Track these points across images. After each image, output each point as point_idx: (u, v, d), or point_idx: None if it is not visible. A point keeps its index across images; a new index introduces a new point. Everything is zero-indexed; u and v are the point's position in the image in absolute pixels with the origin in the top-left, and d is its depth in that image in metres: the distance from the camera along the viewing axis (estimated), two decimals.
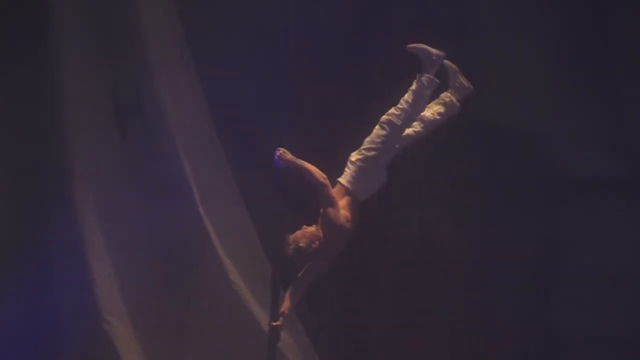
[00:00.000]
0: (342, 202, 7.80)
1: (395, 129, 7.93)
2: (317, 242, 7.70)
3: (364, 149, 7.92)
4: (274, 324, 8.04)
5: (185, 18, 10.13)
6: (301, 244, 7.68)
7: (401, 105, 7.96)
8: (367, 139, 7.96)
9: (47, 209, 9.76)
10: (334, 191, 7.76)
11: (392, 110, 7.96)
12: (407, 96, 7.99)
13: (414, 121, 8.04)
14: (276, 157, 7.77)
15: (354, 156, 7.94)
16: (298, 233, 7.73)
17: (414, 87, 8.01)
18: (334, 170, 7.84)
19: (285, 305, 8.04)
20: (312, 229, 7.74)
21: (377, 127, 7.95)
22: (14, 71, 9.71)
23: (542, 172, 10.05)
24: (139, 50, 9.93)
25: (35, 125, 9.77)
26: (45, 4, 9.69)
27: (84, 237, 9.68)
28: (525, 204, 9.99)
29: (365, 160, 7.89)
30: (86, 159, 9.77)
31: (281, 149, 7.76)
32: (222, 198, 10.17)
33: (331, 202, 7.70)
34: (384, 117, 7.95)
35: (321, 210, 7.76)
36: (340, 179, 7.88)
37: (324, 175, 7.74)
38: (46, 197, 9.77)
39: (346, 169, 7.93)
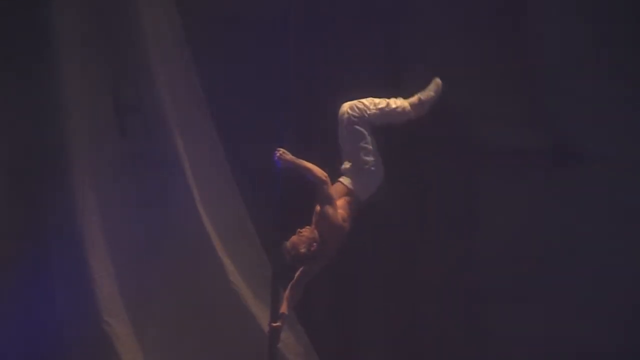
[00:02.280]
0: (340, 202, 7.80)
1: (363, 124, 7.91)
2: (314, 244, 7.70)
3: (363, 153, 7.90)
4: (274, 324, 8.05)
5: (185, 18, 10.13)
6: (301, 250, 7.69)
7: (366, 103, 7.92)
8: (347, 145, 7.93)
9: (46, 209, 9.75)
10: (333, 190, 7.76)
11: (354, 103, 7.92)
12: (383, 104, 7.96)
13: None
14: (276, 158, 7.77)
15: (346, 164, 7.92)
16: (294, 239, 7.71)
17: (394, 105, 7.97)
18: (334, 169, 7.86)
19: (284, 306, 8.04)
20: (307, 231, 7.72)
21: (344, 131, 7.91)
22: (14, 71, 9.71)
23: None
24: (139, 50, 9.92)
25: (35, 125, 9.76)
26: (46, 4, 9.68)
27: (84, 237, 9.67)
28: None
29: (357, 164, 7.88)
30: (86, 159, 9.76)
31: (281, 149, 7.76)
32: (222, 198, 10.17)
33: (330, 201, 7.69)
34: (345, 118, 7.90)
35: (318, 209, 7.76)
36: (341, 179, 7.88)
37: (325, 174, 7.74)
38: (46, 197, 9.76)
39: (345, 168, 7.93)
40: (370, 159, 7.89)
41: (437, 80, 8.01)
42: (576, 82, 9.76)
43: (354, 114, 7.87)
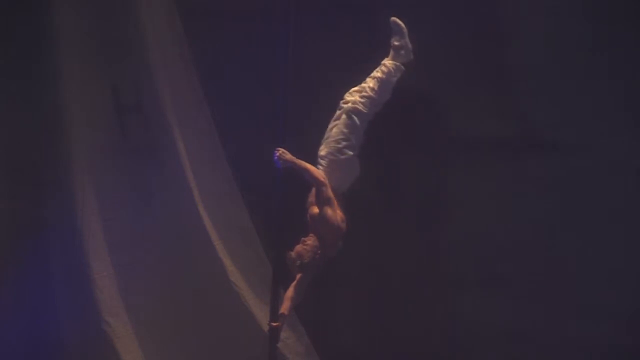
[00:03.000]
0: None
1: (363, 118, 7.91)
2: (318, 251, 7.71)
3: (334, 141, 7.88)
4: (274, 324, 8.05)
5: (185, 18, 10.12)
6: (306, 260, 7.71)
7: (367, 93, 7.92)
8: (335, 129, 7.92)
9: (46, 209, 9.74)
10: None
11: (357, 98, 7.91)
12: (373, 84, 7.95)
13: (379, 108, 8.01)
14: (275, 157, 7.77)
15: (323, 150, 7.91)
16: (299, 249, 7.73)
17: (379, 74, 7.96)
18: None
19: (285, 307, 8.05)
20: (310, 240, 7.73)
21: (344, 116, 7.91)
22: (14, 70, 9.69)
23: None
24: (139, 50, 9.91)
25: (34, 124, 9.75)
26: (46, 3, 9.67)
27: (84, 237, 9.65)
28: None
29: (337, 152, 7.86)
30: (86, 159, 9.74)
31: (280, 149, 7.76)
32: (222, 198, 10.17)
33: (330, 202, 7.70)
34: (349, 106, 7.90)
35: (315, 211, 7.75)
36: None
37: (324, 175, 7.74)
38: (46, 197, 9.74)
39: (318, 165, 7.91)
40: (349, 152, 7.89)
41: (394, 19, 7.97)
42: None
43: (362, 101, 7.87)
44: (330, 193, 7.71)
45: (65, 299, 9.67)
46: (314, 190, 7.85)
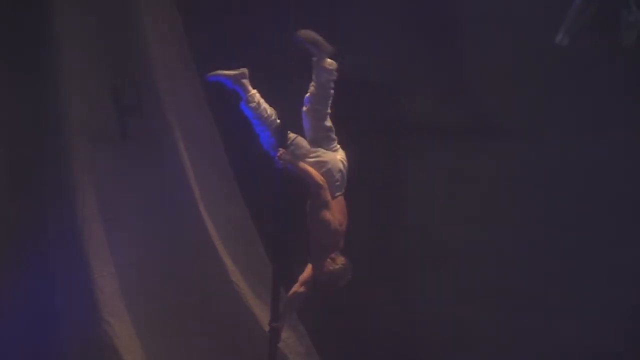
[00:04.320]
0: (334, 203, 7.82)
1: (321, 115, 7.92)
2: (349, 266, 7.76)
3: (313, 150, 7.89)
4: (274, 324, 8.05)
5: (185, 17, 10.12)
6: (340, 284, 7.77)
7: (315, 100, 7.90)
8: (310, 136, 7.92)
9: (47, 209, 9.75)
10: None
11: (309, 107, 7.90)
12: (315, 89, 7.92)
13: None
14: (276, 157, 7.78)
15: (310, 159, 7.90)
16: (335, 270, 7.73)
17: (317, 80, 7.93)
18: None
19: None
20: (341, 260, 7.75)
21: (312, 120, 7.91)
22: (14, 70, 9.70)
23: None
24: (139, 50, 9.92)
25: (35, 125, 9.75)
26: (46, 4, 9.67)
27: (84, 237, 9.67)
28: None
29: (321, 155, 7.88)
30: (86, 159, 9.75)
31: (281, 149, 7.77)
32: (223, 198, 10.18)
33: (327, 206, 7.71)
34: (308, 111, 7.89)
35: (314, 216, 7.75)
36: None
37: (322, 179, 7.74)
38: (46, 197, 9.75)
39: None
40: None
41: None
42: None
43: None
44: (327, 196, 7.72)
45: (65, 299, 9.69)
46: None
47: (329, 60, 7.82)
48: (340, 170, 7.92)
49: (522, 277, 9.79)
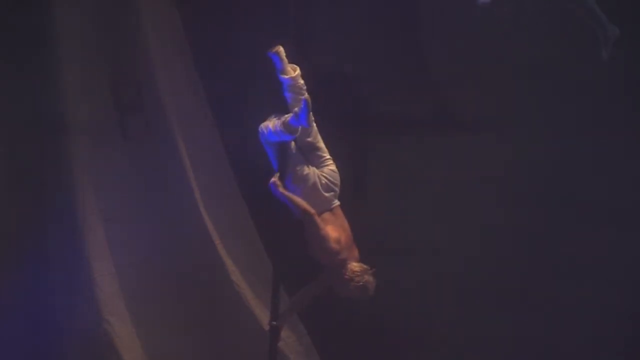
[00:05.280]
0: (330, 226, 7.78)
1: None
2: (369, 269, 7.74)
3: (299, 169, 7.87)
4: (274, 323, 8.04)
5: (185, 16, 10.12)
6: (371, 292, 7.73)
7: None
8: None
9: (47, 208, 9.74)
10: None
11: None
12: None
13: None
14: (271, 182, 7.81)
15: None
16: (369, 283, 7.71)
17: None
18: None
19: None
20: (357, 267, 7.73)
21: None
22: (14, 69, 9.69)
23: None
24: (140, 48, 9.92)
25: (35, 123, 9.75)
26: (46, 1, 9.67)
27: (84, 236, 9.67)
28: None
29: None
30: (86, 158, 9.76)
31: (274, 178, 7.79)
32: (223, 196, 10.17)
33: (317, 227, 7.66)
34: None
35: (311, 241, 7.75)
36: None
37: (309, 208, 7.69)
38: (46, 196, 9.75)
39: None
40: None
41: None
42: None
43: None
44: (318, 222, 7.68)
45: (65, 298, 9.68)
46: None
47: (289, 68, 7.80)
48: (327, 184, 7.86)
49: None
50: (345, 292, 7.75)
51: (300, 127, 7.72)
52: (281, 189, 7.76)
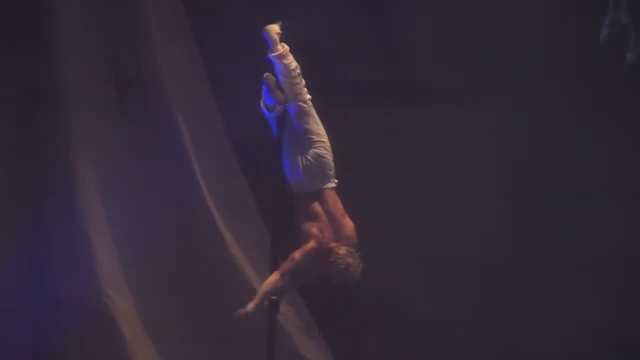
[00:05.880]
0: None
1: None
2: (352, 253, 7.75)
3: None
4: (273, 297, 8.06)
5: None
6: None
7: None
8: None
9: (47, 184, 9.75)
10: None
11: None
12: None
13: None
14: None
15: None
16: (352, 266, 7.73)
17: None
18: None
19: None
20: (342, 250, 7.73)
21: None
22: (13, 45, 9.68)
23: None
24: (139, 25, 9.91)
25: (35, 100, 9.75)
26: None
27: (85, 212, 9.69)
28: None
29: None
30: (87, 134, 9.77)
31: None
32: (223, 172, 10.19)
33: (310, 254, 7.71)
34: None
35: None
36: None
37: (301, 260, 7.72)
38: (46, 173, 9.76)
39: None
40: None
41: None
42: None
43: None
44: (309, 252, 7.71)
45: (66, 274, 9.70)
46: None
47: (279, 47, 7.81)
48: (309, 167, 7.84)
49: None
50: (331, 275, 7.77)
51: (275, 105, 7.73)
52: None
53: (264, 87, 7.90)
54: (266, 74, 7.89)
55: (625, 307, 9.85)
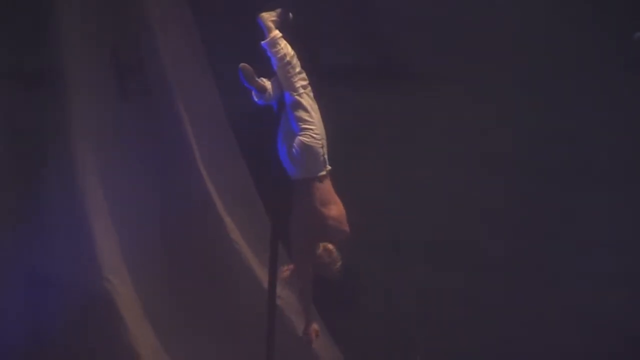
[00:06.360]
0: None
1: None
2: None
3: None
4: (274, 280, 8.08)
5: None
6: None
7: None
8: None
9: (47, 168, 9.78)
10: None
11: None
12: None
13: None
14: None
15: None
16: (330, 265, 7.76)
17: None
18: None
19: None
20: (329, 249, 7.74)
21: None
22: (14, 29, 9.69)
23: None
24: (140, 10, 9.91)
25: (34, 84, 9.76)
26: None
27: (85, 195, 9.71)
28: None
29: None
30: (86, 118, 9.78)
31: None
32: (223, 157, 10.20)
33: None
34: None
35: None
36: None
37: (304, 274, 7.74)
38: (46, 156, 9.78)
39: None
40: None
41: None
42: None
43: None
44: (308, 264, 7.73)
45: (66, 258, 9.72)
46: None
47: (271, 34, 7.81)
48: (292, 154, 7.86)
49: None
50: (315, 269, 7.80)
51: (261, 94, 7.73)
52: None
53: (240, 77, 7.86)
54: (241, 64, 7.85)
55: (627, 306, 9.83)
